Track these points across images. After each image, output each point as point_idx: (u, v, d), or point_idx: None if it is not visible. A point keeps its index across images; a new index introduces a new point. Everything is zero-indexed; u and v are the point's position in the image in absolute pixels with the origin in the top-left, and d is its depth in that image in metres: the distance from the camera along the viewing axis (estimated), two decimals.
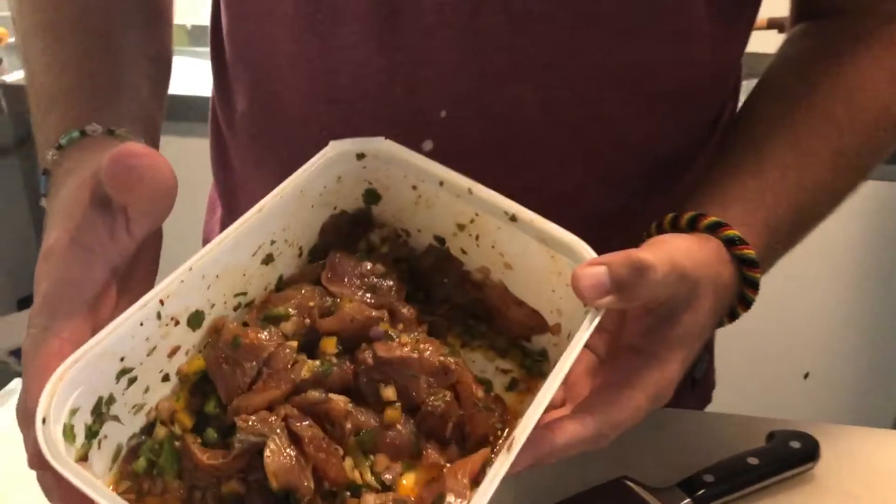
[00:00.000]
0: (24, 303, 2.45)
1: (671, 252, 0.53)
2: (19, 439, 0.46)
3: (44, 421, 0.42)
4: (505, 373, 0.59)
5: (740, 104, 0.71)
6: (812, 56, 0.67)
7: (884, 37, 0.65)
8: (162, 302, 0.48)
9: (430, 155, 0.57)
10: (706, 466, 0.67)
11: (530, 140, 0.67)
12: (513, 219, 0.55)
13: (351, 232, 0.60)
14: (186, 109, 1.56)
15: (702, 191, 0.62)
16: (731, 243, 0.57)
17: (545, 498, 0.66)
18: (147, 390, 0.50)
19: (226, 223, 0.85)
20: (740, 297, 0.59)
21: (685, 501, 0.65)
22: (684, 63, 0.66)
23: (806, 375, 1.91)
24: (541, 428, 0.49)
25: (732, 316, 0.61)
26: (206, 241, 0.91)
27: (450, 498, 0.48)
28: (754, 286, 0.59)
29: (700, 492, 0.66)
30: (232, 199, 0.83)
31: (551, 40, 0.63)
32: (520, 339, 0.59)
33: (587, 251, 0.53)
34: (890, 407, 1.58)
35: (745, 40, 0.72)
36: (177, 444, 0.49)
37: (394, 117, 0.66)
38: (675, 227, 0.59)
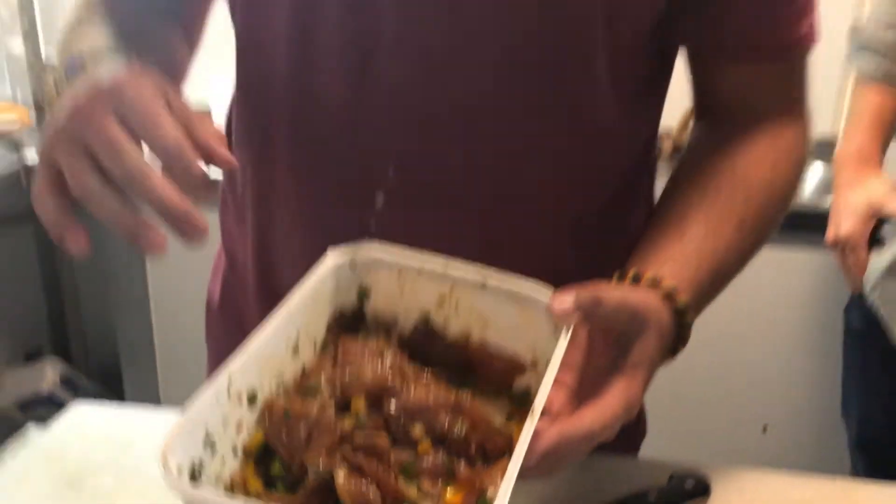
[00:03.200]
0: (31, 357, 2.48)
1: (625, 293, 0.70)
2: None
3: (166, 459, 0.51)
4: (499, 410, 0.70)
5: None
6: (712, 147, 0.85)
7: (766, 135, 0.85)
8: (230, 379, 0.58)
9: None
10: (609, 500, 0.78)
11: (455, 187, 0.81)
12: (482, 286, 0.69)
13: (351, 325, 0.72)
14: None
15: (641, 252, 0.79)
16: (667, 295, 0.73)
17: None
18: (223, 462, 0.59)
19: (229, 278, 1.00)
20: (678, 338, 0.74)
21: None
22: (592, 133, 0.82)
23: (764, 429, 1.98)
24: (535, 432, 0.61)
25: (674, 352, 0.75)
26: (209, 303, 1.04)
27: (491, 490, 0.59)
28: (687, 329, 0.74)
29: None
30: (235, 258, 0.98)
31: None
32: (504, 386, 0.72)
33: (548, 297, 0.67)
34: (846, 458, 1.69)
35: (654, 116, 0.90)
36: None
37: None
38: (622, 281, 0.75)
